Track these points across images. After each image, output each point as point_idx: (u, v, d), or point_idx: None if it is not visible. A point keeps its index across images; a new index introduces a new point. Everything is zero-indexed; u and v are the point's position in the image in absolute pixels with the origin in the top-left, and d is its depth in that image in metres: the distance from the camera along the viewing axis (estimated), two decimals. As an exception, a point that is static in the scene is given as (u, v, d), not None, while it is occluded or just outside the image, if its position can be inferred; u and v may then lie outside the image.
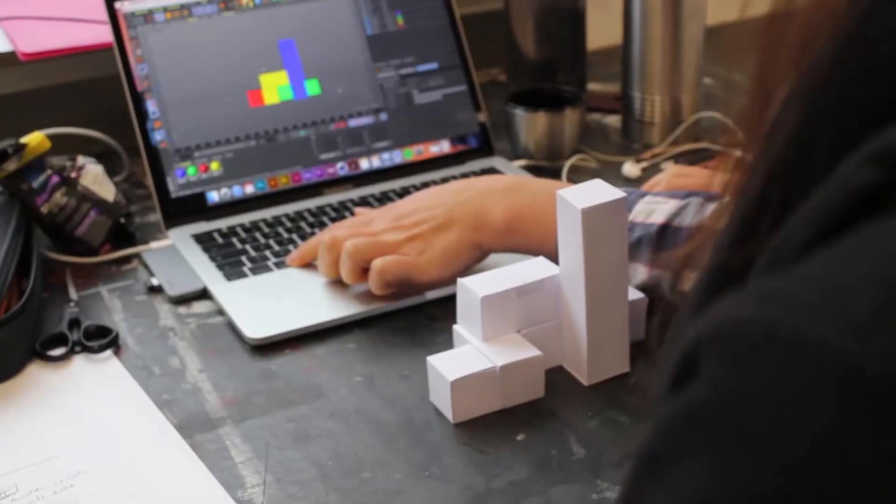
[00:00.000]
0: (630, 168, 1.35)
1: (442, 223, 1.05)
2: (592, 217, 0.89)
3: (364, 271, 1.06)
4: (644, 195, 1.00)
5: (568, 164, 1.35)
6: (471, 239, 1.04)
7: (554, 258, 0.98)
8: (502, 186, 1.06)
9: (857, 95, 0.40)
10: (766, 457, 0.34)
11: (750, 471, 0.34)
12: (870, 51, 0.40)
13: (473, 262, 1.06)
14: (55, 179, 1.17)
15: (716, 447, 0.35)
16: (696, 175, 1.17)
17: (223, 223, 1.23)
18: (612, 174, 1.35)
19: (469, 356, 0.93)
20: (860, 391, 0.33)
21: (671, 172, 1.18)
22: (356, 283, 1.07)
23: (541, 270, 0.96)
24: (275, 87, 1.29)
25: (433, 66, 1.36)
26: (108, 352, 1.04)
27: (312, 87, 1.31)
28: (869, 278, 0.35)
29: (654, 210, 0.97)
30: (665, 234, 0.96)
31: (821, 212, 0.38)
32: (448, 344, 0.99)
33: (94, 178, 1.20)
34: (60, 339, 1.05)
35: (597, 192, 0.91)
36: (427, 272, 1.04)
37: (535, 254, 1.01)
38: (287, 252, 1.16)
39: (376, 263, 1.04)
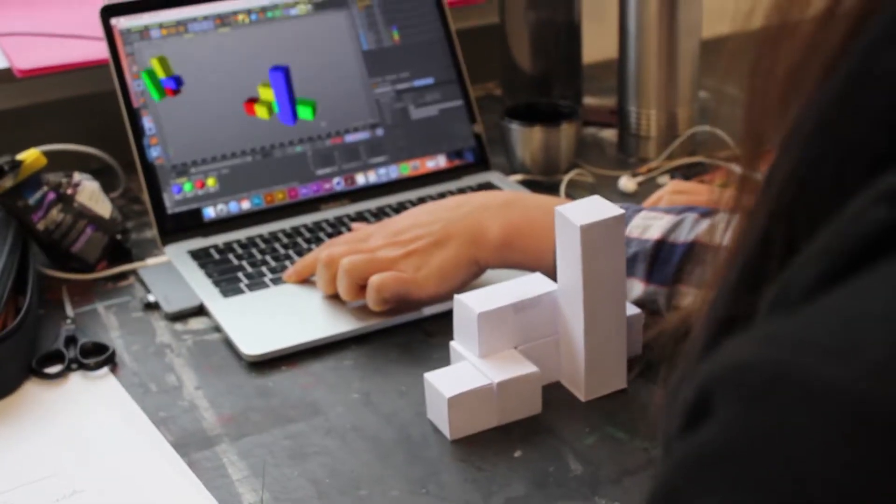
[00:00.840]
0: (626, 182, 1.35)
1: (438, 239, 1.05)
2: (591, 234, 0.89)
3: (361, 287, 1.06)
4: (640, 210, 1.00)
5: (566, 178, 1.35)
6: (468, 255, 1.04)
7: (551, 273, 0.98)
8: (499, 202, 1.06)
9: (859, 136, 0.40)
10: (780, 499, 0.33)
11: None
12: (871, 90, 0.40)
13: (471, 277, 1.06)
14: (51, 196, 1.17)
15: (730, 488, 0.34)
16: (695, 191, 1.17)
17: (219, 239, 1.23)
18: (608, 188, 1.35)
19: (466, 372, 0.93)
20: (876, 433, 0.32)
21: (670, 189, 1.18)
22: (354, 300, 1.07)
23: (537, 286, 0.96)
24: (270, 102, 1.29)
25: (429, 81, 1.37)
26: (105, 369, 1.04)
27: (307, 104, 1.30)
28: (884, 318, 0.34)
29: (650, 226, 0.97)
30: (661, 250, 0.96)
31: (832, 251, 0.38)
32: (445, 360, 0.99)
33: (91, 194, 1.20)
34: (57, 357, 1.05)
35: (595, 208, 0.91)
36: (424, 288, 1.04)
37: (532, 269, 1.01)
38: (284, 268, 1.16)
39: (374, 280, 1.04)
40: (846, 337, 0.34)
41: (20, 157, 1.16)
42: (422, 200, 1.30)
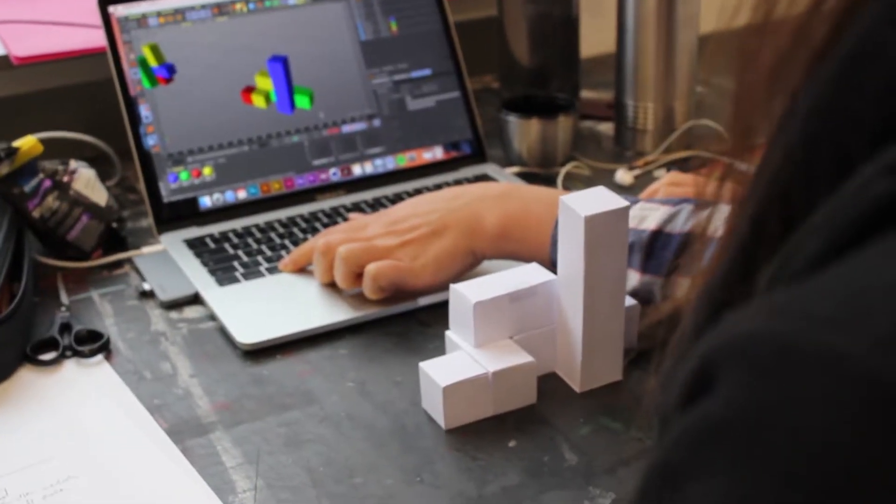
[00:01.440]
0: (623, 175, 1.35)
1: (435, 229, 1.05)
2: (595, 225, 0.89)
3: (358, 276, 1.06)
4: (637, 201, 1.00)
5: (563, 171, 1.35)
6: (464, 245, 1.05)
7: (546, 264, 0.98)
8: (496, 193, 1.06)
9: (859, 113, 0.40)
10: (786, 470, 0.33)
11: (771, 485, 0.33)
12: (870, 69, 0.40)
13: (467, 268, 1.06)
14: (47, 184, 1.17)
15: (735, 461, 0.34)
16: (692, 183, 1.17)
17: (215, 228, 1.23)
18: (604, 181, 1.35)
19: (461, 362, 0.93)
20: (883, 403, 0.32)
21: (667, 181, 1.18)
22: (350, 288, 1.07)
23: (534, 276, 0.96)
24: (267, 92, 1.29)
25: (426, 72, 1.36)
26: (100, 356, 1.04)
27: (304, 94, 1.30)
28: (891, 288, 0.34)
29: (646, 216, 0.97)
30: (657, 240, 0.96)
31: (835, 223, 0.38)
32: (440, 350, 0.99)
33: (87, 182, 1.20)
34: (51, 344, 1.05)
35: (600, 199, 0.91)
36: (420, 277, 1.04)
37: (528, 260, 1.01)
38: (279, 258, 1.16)
39: (370, 268, 1.04)
40: (853, 307, 0.34)
41: (16, 144, 1.16)
42: (418, 192, 1.29)
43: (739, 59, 0.47)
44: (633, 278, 0.97)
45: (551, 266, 0.98)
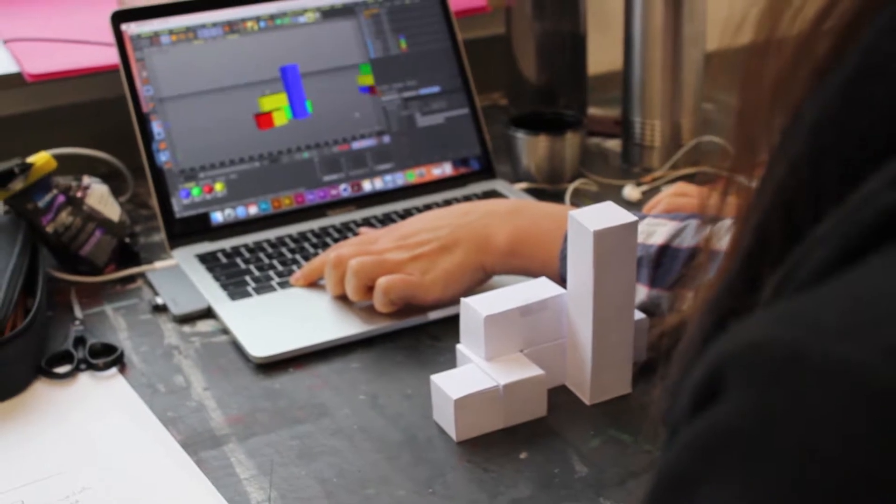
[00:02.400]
0: (630, 191, 1.36)
1: (445, 244, 1.06)
2: (604, 239, 0.90)
3: (369, 289, 1.07)
4: (645, 216, 1.01)
5: (571, 187, 1.36)
6: (474, 261, 1.06)
7: (555, 280, 0.99)
8: (505, 209, 1.08)
9: (865, 126, 0.41)
10: (795, 479, 0.33)
11: (782, 493, 0.33)
12: (876, 82, 0.41)
13: (476, 283, 1.07)
14: (61, 199, 1.18)
15: (743, 469, 0.34)
16: (696, 194, 1.19)
17: (227, 243, 1.24)
18: (612, 197, 1.35)
19: (472, 375, 0.94)
20: (892, 412, 0.33)
21: (672, 192, 1.19)
22: (361, 300, 1.08)
23: (544, 290, 0.97)
24: (280, 109, 1.30)
25: (435, 89, 1.38)
26: (114, 369, 1.05)
27: (316, 111, 1.32)
28: None
29: (654, 231, 0.98)
30: (664, 255, 0.97)
31: (842, 234, 0.38)
32: (451, 363, 1.00)
33: (100, 197, 1.21)
34: (66, 357, 1.06)
35: (609, 214, 0.92)
36: (430, 291, 1.06)
37: (537, 275, 1.02)
38: (291, 272, 1.17)
39: (381, 282, 1.05)
40: (861, 316, 0.35)
41: (30, 160, 1.17)
42: (427, 207, 1.30)
43: (743, 76, 0.47)
44: (642, 292, 0.98)
45: (560, 281, 0.99)
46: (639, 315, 0.99)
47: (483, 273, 1.07)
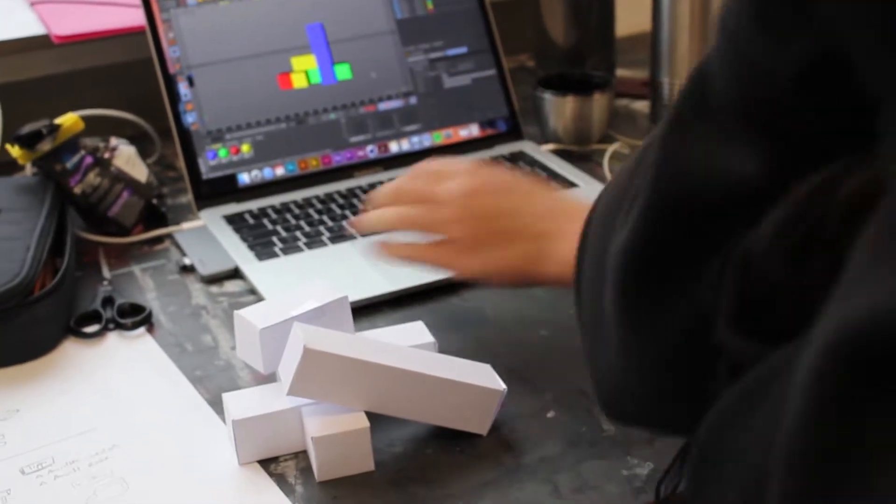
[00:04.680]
0: (659, 153, 1.35)
1: (505, 233, 0.93)
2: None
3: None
4: None
5: (609, 151, 1.36)
6: (526, 270, 0.93)
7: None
8: (578, 211, 0.87)
9: None
10: None
11: None
12: None
13: (520, 286, 0.98)
14: (88, 160, 1.18)
15: None
16: None
17: (254, 205, 1.24)
18: (640, 159, 1.36)
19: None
20: None
21: None
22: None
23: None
24: (304, 71, 1.30)
25: (462, 50, 1.37)
26: (142, 329, 1.05)
27: (342, 72, 1.31)
28: None
29: None
30: None
31: None
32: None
33: (127, 158, 1.21)
34: (94, 317, 1.06)
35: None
36: (461, 271, 0.96)
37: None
38: (318, 233, 1.17)
39: (412, 252, 0.98)
40: None
41: (58, 121, 1.17)
42: (454, 169, 1.30)
43: None
44: None
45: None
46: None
47: (532, 282, 0.95)
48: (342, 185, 1.27)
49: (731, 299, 0.47)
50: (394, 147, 1.33)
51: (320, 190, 1.27)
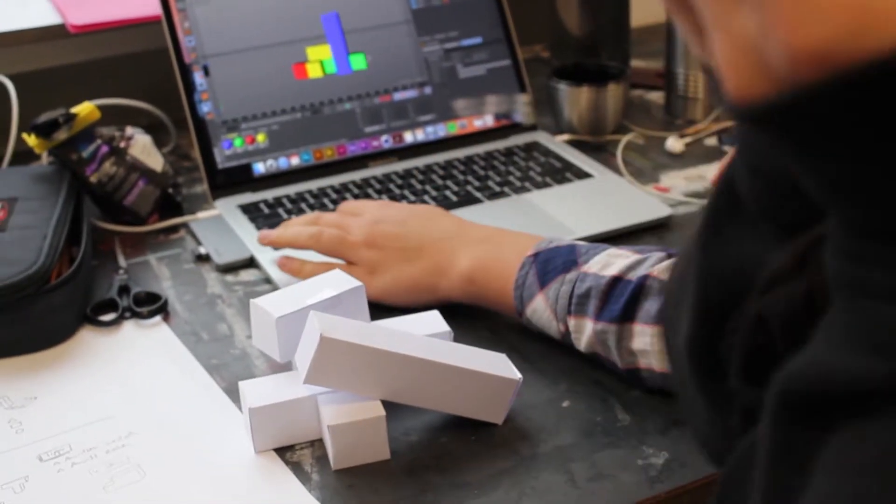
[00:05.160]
0: (673, 143, 1.35)
1: (407, 252, 1.03)
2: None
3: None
4: (607, 248, 0.96)
5: (623, 141, 1.36)
6: (428, 282, 1.02)
7: (511, 312, 0.98)
8: (477, 237, 1.03)
9: None
10: None
11: None
12: None
13: (423, 302, 1.03)
14: (104, 149, 1.19)
15: None
16: None
17: (269, 194, 1.25)
18: (655, 149, 1.36)
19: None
20: None
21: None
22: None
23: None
24: (320, 61, 1.30)
25: (477, 40, 1.37)
26: (158, 317, 1.06)
27: (357, 62, 1.31)
28: None
29: (611, 264, 0.93)
30: (614, 287, 0.91)
31: None
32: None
33: (143, 148, 1.21)
34: (110, 305, 1.07)
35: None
36: (371, 292, 1.01)
37: (493, 306, 1.00)
38: (332, 223, 1.18)
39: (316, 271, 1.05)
40: None
41: (74, 110, 1.18)
42: (469, 159, 1.30)
43: None
44: (588, 328, 0.92)
45: (515, 313, 0.97)
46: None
47: (433, 296, 1.02)
48: (357, 175, 1.28)
49: (739, 350, 0.52)
50: (408, 137, 1.33)
51: (335, 180, 1.27)
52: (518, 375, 0.89)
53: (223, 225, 1.20)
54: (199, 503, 0.82)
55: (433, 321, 0.95)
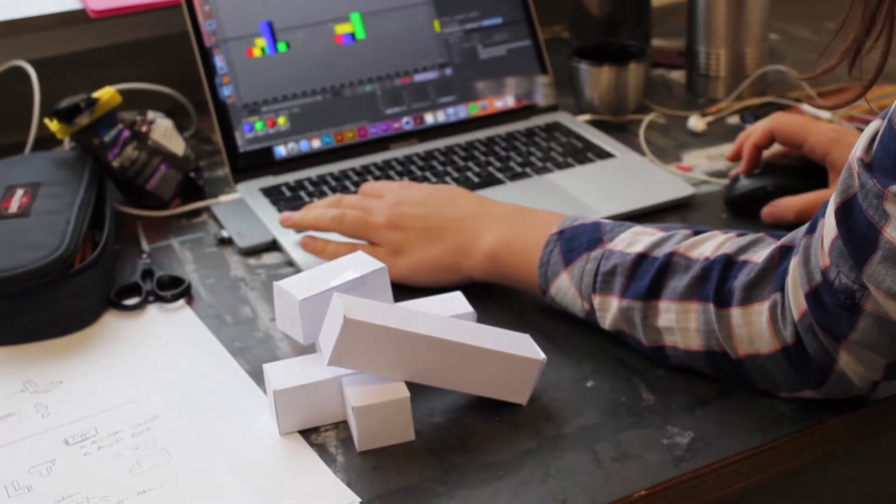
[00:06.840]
0: (696, 122, 1.35)
1: (430, 232, 1.03)
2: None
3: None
4: (632, 226, 0.95)
5: (645, 122, 1.35)
6: (451, 262, 1.02)
7: (535, 290, 0.98)
8: (500, 215, 1.02)
9: None
10: None
11: None
12: None
13: (447, 282, 1.03)
14: (126, 134, 1.19)
15: None
16: (796, 125, 1.12)
17: (291, 177, 1.25)
18: (677, 128, 1.35)
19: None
20: None
21: (769, 124, 1.13)
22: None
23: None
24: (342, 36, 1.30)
25: (497, 21, 1.37)
26: (181, 301, 1.06)
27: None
28: None
29: (636, 241, 0.93)
30: (640, 264, 0.91)
31: None
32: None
33: (164, 132, 1.22)
34: (134, 289, 1.07)
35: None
36: (394, 273, 1.02)
37: (518, 285, 1.00)
38: (354, 205, 1.17)
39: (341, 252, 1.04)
40: None
41: (95, 95, 1.18)
42: (490, 140, 1.30)
43: None
44: (613, 305, 0.92)
45: (539, 292, 0.97)
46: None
47: (457, 276, 1.03)
48: (378, 158, 1.28)
49: None
50: (429, 119, 1.33)
51: (356, 162, 1.27)
52: (542, 356, 0.89)
53: (245, 208, 1.20)
54: (225, 485, 0.83)
55: (456, 302, 0.95)
